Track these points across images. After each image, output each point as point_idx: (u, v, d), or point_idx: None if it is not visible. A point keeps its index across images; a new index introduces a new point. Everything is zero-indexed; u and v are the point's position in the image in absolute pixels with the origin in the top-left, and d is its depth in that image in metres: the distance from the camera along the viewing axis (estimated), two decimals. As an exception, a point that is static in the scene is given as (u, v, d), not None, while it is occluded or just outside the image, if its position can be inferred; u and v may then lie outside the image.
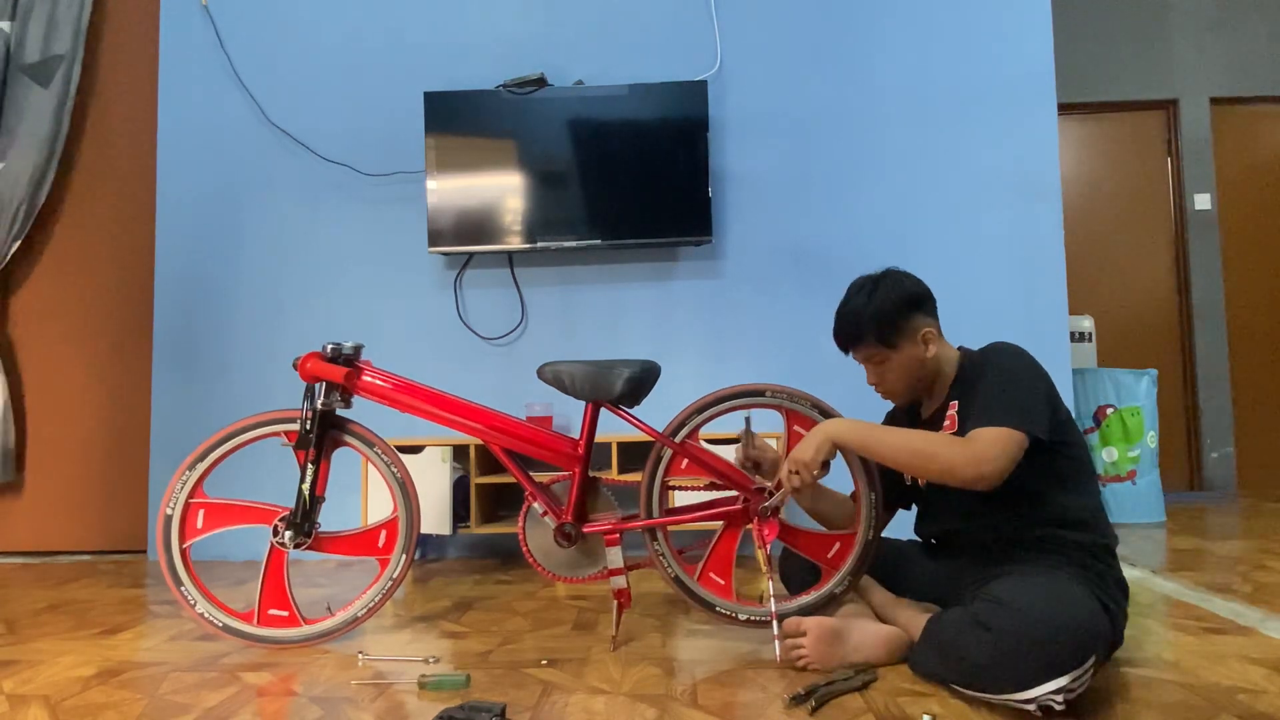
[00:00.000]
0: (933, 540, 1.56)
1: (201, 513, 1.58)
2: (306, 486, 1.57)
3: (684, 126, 2.52)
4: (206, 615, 1.55)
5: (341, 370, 1.56)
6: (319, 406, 1.58)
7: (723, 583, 1.58)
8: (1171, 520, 2.90)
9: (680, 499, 2.23)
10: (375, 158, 2.71)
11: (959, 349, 1.47)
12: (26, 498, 2.75)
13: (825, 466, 1.41)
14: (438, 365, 2.67)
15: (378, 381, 1.60)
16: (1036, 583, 1.19)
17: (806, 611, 1.51)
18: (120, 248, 2.80)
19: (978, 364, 1.38)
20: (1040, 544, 1.31)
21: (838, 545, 1.55)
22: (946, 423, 1.40)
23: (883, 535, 1.56)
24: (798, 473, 1.39)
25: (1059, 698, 1.06)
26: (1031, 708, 1.09)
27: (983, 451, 1.23)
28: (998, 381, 1.31)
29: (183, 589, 1.55)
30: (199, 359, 2.70)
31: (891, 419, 1.61)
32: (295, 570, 2.39)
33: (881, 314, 1.41)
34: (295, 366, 1.58)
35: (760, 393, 1.57)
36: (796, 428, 1.57)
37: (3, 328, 2.78)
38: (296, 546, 1.57)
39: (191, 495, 1.58)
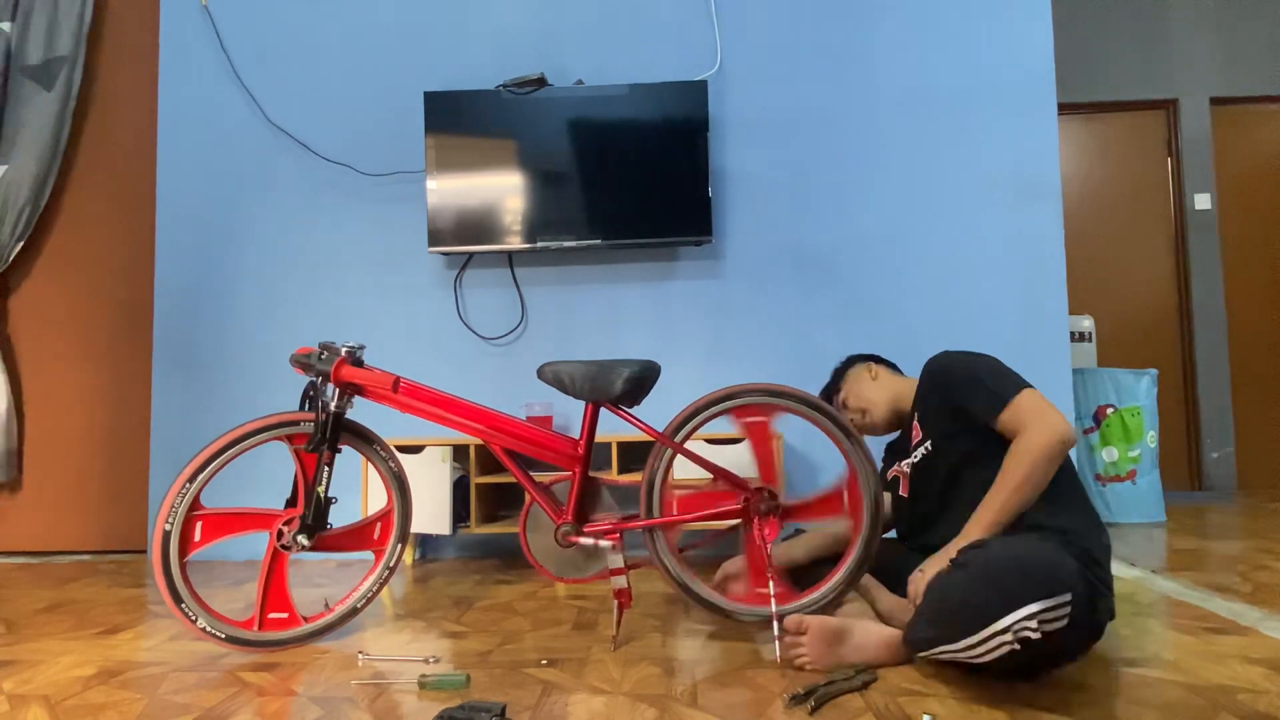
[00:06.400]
0: (925, 547, 1.57)
1: (200, 524, 1.53)
2: (322, 489, 1.57)
3: (684, 126, 2.51)
4: (209, 629, 1.51)
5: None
6: (333, 409, 1.57)
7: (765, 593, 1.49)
8: (1171, 520, 2.90)
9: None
10: (375, 158, 2.71)
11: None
12: (26, 498, 2.75)
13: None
14: (437, 365, 2.67)
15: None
16: (1014, 537, 1.29)
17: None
18: (120, 248, 2.80)
19: (923, 381, 1.55)
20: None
21: None
22: (915, 435, 1.56)
23: (883, 536, 1.57)
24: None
25: (1033, 624, 1.07)
26: (1008, 637, 1.09)
27: (1037, 420, 1.33)
28: (968, 373, 1.44)
29: (183, 606, 1.49)
30: (199, 359, 2.70)
31: (890, 451, 1.74)
32: (293, 570, 2.39)
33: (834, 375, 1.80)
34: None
35: (805, 400, 1.53)
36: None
37: (3, 328, 2.78)
38: (302, 549, 1.57)
39: (191, 509, 1.51)
